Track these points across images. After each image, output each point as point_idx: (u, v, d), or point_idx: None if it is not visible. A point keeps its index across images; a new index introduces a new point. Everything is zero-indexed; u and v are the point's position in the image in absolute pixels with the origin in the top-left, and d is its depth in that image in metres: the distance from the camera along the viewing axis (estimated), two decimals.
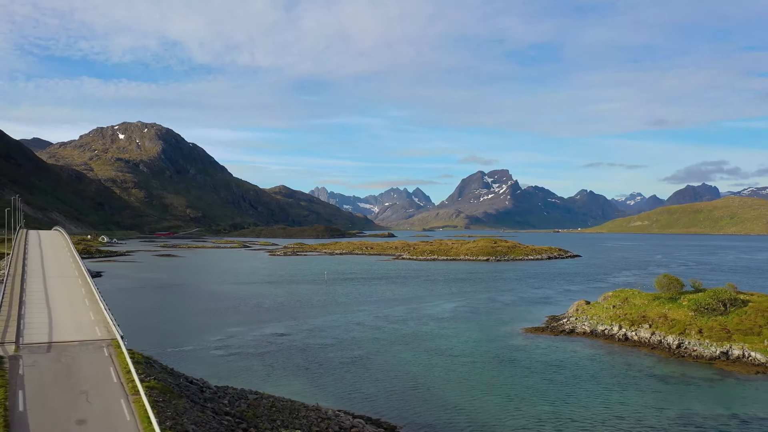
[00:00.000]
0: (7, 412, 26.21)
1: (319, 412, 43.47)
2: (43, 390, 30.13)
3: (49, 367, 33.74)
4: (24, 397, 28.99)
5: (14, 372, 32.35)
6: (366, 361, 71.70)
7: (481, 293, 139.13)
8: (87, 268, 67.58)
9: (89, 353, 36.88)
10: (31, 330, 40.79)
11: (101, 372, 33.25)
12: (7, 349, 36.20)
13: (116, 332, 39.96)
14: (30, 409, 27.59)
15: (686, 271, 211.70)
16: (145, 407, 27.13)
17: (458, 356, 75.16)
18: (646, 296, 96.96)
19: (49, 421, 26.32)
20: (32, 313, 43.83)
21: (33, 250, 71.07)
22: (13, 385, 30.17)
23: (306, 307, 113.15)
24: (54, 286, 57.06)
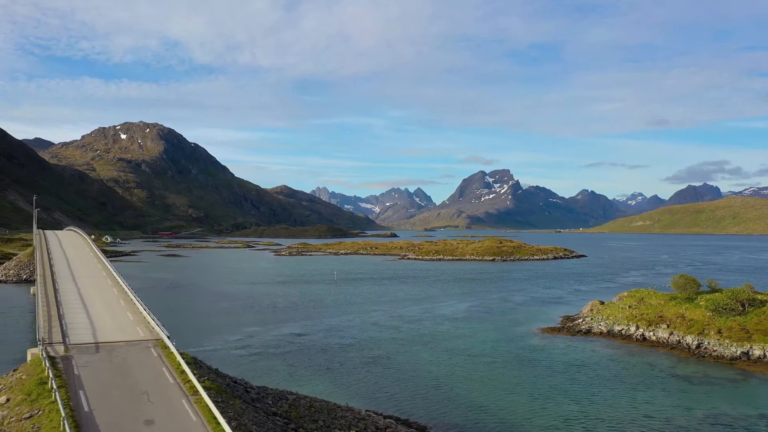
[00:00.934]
0: (73, 412, 26.25)
1: (352, 412, 43.65)
2: (103, 390, 30.20)
3: (103, 368, 33.75)
4: (86, 398, 29.02)
5: (70, 372, 32.38)
6: (387, 361, 71.84)
7: (492, 293, 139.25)
8: (116, 269, 67.65)
9: (138, 353, 36.93)
10: (75, 330, 40.81)
11: (155, 372, 33.31)
12: (57, 350, 36.26)
13: (162, 333, 40.03)
14: (95, 409, 27.61)
15: (694, 271, 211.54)
16: (208, 407, 27.18)
17: (478, 356, 75.30)
18: (662, 296, 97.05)
19: (117, 421, 26.33)
20: (71, 313, 43.82)
21: (56, 251, 71.12)
22: (72, 385, 30.19)
23: (320, 307, 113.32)
24: (85, 286, 57.08)
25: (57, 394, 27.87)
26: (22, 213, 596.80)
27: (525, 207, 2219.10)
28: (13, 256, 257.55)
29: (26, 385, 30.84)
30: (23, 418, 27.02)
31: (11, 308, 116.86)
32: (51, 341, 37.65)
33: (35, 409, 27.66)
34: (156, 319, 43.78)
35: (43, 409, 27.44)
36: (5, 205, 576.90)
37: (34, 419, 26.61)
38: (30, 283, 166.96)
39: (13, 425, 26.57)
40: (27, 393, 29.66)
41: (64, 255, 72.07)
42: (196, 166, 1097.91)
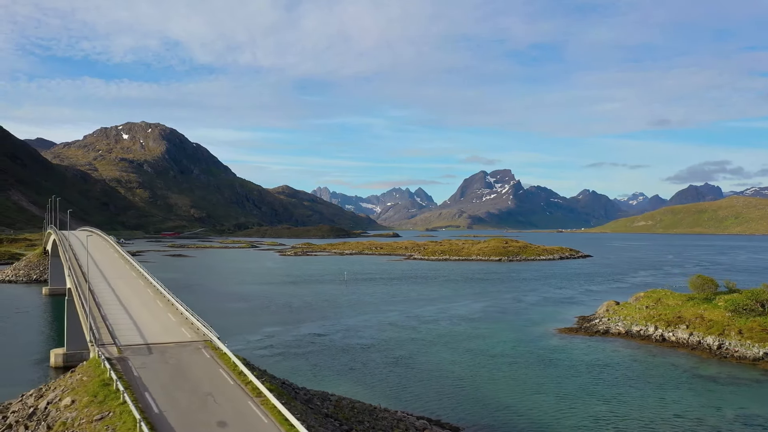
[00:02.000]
0: (144, 414, 26.30)
1: (389, 413, 43.79)
2: (167, 392, 30.23)
3: (161, 369, 33.78)
4: (153, 399, 29.04)
5: (130, 374, 32.41)
6: (409, 362, 71.96)
7: (504, 293, 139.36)
8: (147, 270, 67.75)
9: (190, 354, 36.95)
10: (122, 332, 40.80)
11: (212, 373, 33.36)
12: (110, 351, 36.29)
13: (212, 335, 40.06)
14: (165, 411, 27.65)
15: (702, 271, 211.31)
16: (276, 409, 27.19)
17: (499, 356, 75.42)
18: (679, 297, 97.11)
19: (190, 422, 26.34)
20: (113, 314, 43.79)
21: (80, 251, 71.08)
22: (136, 387, 30.21)
23: (335, 307, 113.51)
24: (119, 287, 57.13)
25: (126, 395, 27.93)
26: (26, 213, 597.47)
27: (526, 207, 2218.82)
28: (20, 256, 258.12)
29: (89, 386, 30.91)
30: (94, 419, 27.07)
31: (27, 308, 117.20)
32: (104, 342, 37.54)
33: (105, 410, 27.69)
34: (202, 320, 43.84)
35: (113, 411, 27.48)
36: (9, 205, 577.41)
37: (106, 421, 26.63)
38: (41, 283, 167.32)
39: (85, 426, 26.63)
40: (93, 394, 29.74)
41: (90, 255, 71.98)
42: (198, 166, 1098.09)
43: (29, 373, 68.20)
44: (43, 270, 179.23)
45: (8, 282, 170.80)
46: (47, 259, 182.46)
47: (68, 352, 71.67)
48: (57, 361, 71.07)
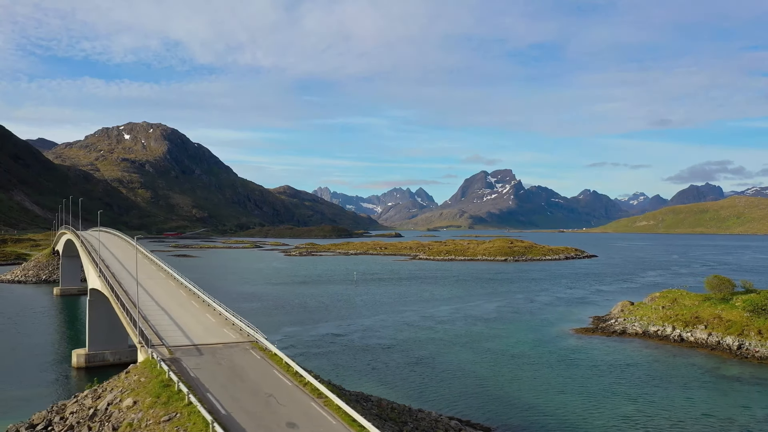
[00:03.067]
0: (214, 415, 26.27)
1: (423, 413, 43.80)
2: (228, 393, 30.20)
3: (216, 370, 33.73)
4: (216, 400, 29.01)
5: (187, 375, 32.37)
6: (431, 362, 72.05)
7: (516, 293, 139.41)
8: (177, 270, 67.83)
9: (240, 355, 36.94)
10: (166, 333, 40.71)
11: (267, 374, 33.34)
12: (161, 352, 36.25)
13: (259, 336, 40.04)
14: (232, 412, 27.62)
15: (710, 271, 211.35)
16: (341, 410, 27.20)
17: (520, 357, 75.49)
18: (696, 297, 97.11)
19: (259, 424, 26.23)
20: (152, 316, 43.68)
21: (102, 251, 71.03)
22: (196, 387, 30.16)
23: (350, 307, 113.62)
24: (152, 288, 57.06)
25: (191, 397, 27.85)
26: (29, 213, 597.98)
27: (527, 207, 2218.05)
28: (26, 257, 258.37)
29: (149, 387, 30.91)
30: (161, 420, 27.09)
31: (41, 309, 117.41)
32: (153, 343, 37.42)
33: (171, 411, 27.68)
34: (246, 321, 43.86)
35: (180, 412, 27.47)
36: (12, 205, 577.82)
37: (174, 422, 26.62)
38: (50, 283, 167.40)
39: (153, 428, 26.63)
40: (155, 395, 29.75)
41: (113, 255, 72.02)
42: (200, 167, 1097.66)
43: (52, 374, 68.36)
44: (53, 270, 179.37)
45: (18, 282, 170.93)
46: (56, 259, 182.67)
47: (90, 352, 71.85)
48: (79, 361, 71.23)
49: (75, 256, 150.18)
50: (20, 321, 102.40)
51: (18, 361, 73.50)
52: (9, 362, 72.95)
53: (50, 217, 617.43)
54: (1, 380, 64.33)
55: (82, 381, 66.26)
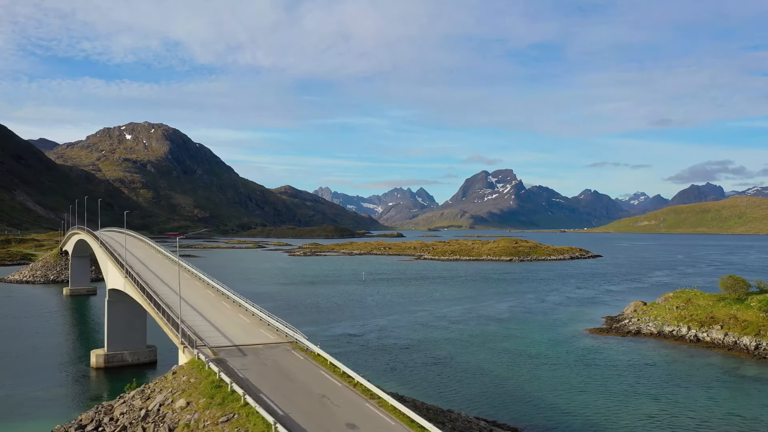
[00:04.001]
0: (272, 416, 26.21)
1: (453, 414, 43.80)
2: (281, 393, 30.15)
3: (263, 371, 33.70)
4: (271, 401, 28.93)
5: (235, 375, 32.31)
6: (450, 362, 72.10)
7: (525, 293, 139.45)
8: (202, 271, 67.85)
9: (283, 355, 36.89)
10: (204, 334, 40.55)
11: (315, 374, 33.33)
12: (206, 353, 36.17)
13: (300, 337, 40.02)
14: (290, 413, 27.55)
15: (716, 271, 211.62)
16: (396, 410, 27.23)
17: (538, 357, 75.54)
18: (710, 297, 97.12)
19: (320, 424, 26.09)
20: (186, 316, 43.54)
21: (121, 251, 70.98)
22: (248, 388, 30.09)
23: (363, 308, 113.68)
24: (181, 288, 56.86)
25: (248, 398, 27.81)
26: (31, 213, 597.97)
27: (528, 207, 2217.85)
28: (31, 257, 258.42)
29: (200, 388, 30.85)
30: (219, 421, 27.06)
31: (53, 309, 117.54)
32: (195, 345, 37.28)
33: (228, 412, 27.65)
34: (284, 321, 43.86)
35: (238, 413, 27.44)
36: (15, 205, 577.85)
37: (233, 423, 26.60)
38: (58, 283, 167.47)
39: (211, 428, 26.60)
40: (208, 396, 29.68)
41: (133, 255, 72.00)
42: (201, 167, 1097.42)
43: (72, 374, 68.47)
44: (60, 270, 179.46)
45: (26, 282, 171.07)
46: (64, 260, 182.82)
47: (109, 353, 71.93)
48: (98, 362, 71.29)
49: (84, 256, 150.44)
50: (35, 321, 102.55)
51: (38, 362, 73.74)
52: (31, 363, 73.19)
53: (53, 217, 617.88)
54: (24, 380, 64.58)
55: (102, 382, 66.45)
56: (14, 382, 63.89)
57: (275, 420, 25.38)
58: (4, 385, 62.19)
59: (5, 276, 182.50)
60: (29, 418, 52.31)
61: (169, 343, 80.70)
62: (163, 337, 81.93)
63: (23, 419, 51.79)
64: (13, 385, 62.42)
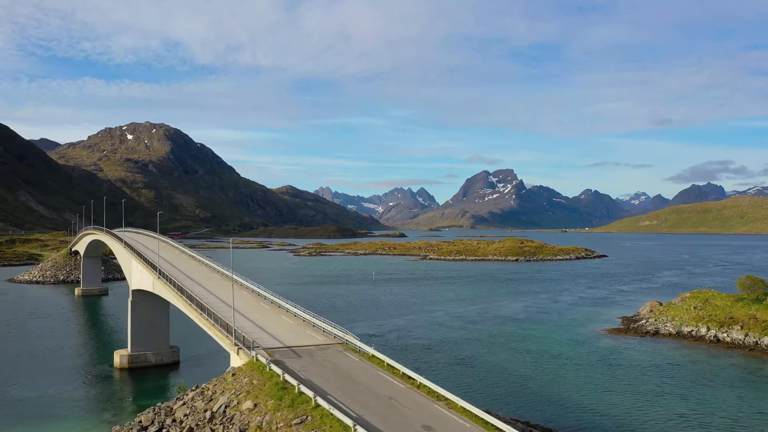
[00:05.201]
0: (349, 418, 26.11)
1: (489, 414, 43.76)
2: (348, 395, 30.09)
3: (322, 372, 33.66)
4: (340, 402, 28.83)
5: (298, 377, 32.25)
6: (474, 362, 72.16)
7: (538, 293, 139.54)
8: (233, 271, 67.90)
9: (337, 357, 36.89)
10: (253, 335, 40.38)
11: (374, 375, 33.32)
12: (263, 355, 36.08)
13: (352, 338, 40.03)
14: (363, 415, 27.46)
15: (724, 271, 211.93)
16: (467, 411, 27.23)
17: (560, 357, 75.59)
18: (727, 297, 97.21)
19: (396, 427, 25.90)
20: (230, 318, 43.36)
21: (148, 253, 71.02)
22: (316, 390, 30.02)
23: (379, 308, 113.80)
24: (215, 290, 56.94)
25: (319, 399, 27.78)
26: (34, 213, 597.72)
27: (529, 207, 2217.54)
28: (38, 257, 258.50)
29: (266, 389, 30.82)
30: (293, 423, 27.01)
31: (67, 310, 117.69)
32: (251, 346, 37.12)
33: (300, 414, 27.61)
34: (330, 322, 43.88)
35: (310, 415, 27.42)
36: (18, 205, 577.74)
37: (307, 425, 26.53)
38: (68, 284, 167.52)
39: (284, 430, 26.55)
40: (276, 398, 29.66)
41: (160, 257, 71.90)
42: (203, 167, 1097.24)
43: (96, 374, 68.57)
44: (70, 271, 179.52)
45: (36, 282, 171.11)
46: (73, 260, 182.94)
47: (133, 353, 72.03)
48: (122, 362, 71.41)
49: (96, 257, 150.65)
50: (54, 321, 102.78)
51: (64, 362, 74.14)
52: (57, 363, 73.54)
53: (55, 218, 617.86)
54: (54, 381, 64.97)
55: (129, 382, 66.57)
56: (45, 382, 64.34)
57: (354, 422, 25.34)
58: (36, 385, 62.59)
59: (15, 276, 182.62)
60: (64, 418, 52.53)
61: (192, 343, 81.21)
62: (186, 338, 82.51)
63: (59, 420, 52.04)
64: (45, 385, 62.76)
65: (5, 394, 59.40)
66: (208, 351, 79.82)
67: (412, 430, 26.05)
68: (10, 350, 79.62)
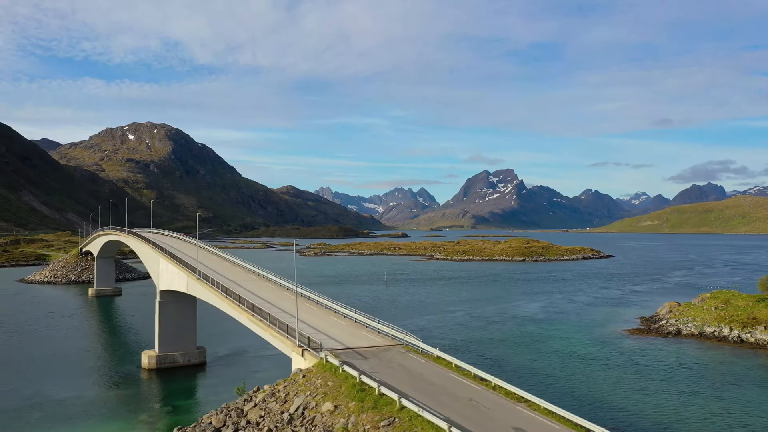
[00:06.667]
0: (440, 419, 26.02)
1: None
2: (430, 397, 29.93)
3: (393, 373, 33.49)
4: (423, 404, 28.70)
5: (375, 379, 32.10)
6: (501, 363, 72.16)
7: (553, 293, 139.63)
8: (269, 271, 67.84)
9: (402, 358, 36.81)
10: (312, 336, 40.35)
11: (445, 377, 33.25)
12: (330, 356, 35.93)
13: (413, 339, 39.98)
14: (449, 416, 27.37)
15: (733, 271, 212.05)
16: (550, 412, 27.19)
17: (585, 358, 75.62)
18: (748, 298, 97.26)
19: (489, 428, 25.99)
20: (284, 320, 43.19)
21: (178, 254, 70.94)
22: (396, 391, 29.88)
23: (398, 308, 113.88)
24: (256, 290, 56.74)
25: (404, 401, 27.72)
26: (37, 213, 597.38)
27: (529, 207, 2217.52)
28: (45, 257, 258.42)
29: (343, 391, 30.81)
30: (381, 425, 26.92)
31: (84, 310, 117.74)
32: (318, 347, 36.97)
33: (386, 415, 27.58)
34: (387, 323, 43.84)
35: (397, 416, 27.38)
36: (21, 206, 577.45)
37: (396, 427, 26.44)
38: (79, 284, 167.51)
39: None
40: (357, 399, 29.66)
41: (191, 257, 71.89)
42: (204, 167, 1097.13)
43: (126, 375, 68.60)
44: (81, 271, 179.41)
45: (47, 283, 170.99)
46: (85, 260, 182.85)
47: (161, 354, 72.04)
48: (150, 363, 71.41)
49: (110, 257, 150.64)
50: (74, 322, 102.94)
51: (93, 363, 74.49)
52: (88, 364, 73.79)
53: (58, 218, 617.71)
54: (88, 382, 65.34)
55: (159, 383, 66.58)
56: (80, 382, 64.69)
57: (449, 424, 25.27)
58: (72, 386, 62.94)
59: (25, 276, 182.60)
60: (103, 419, 52.68)
61: (216, 344, 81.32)
62: (211, 339, 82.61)
63: (98, 421, 52.18)
64: (80, 386, 63.07)
65: (46, 394, 59.66)
66: (234, 351, 79.91)
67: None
68: (42, 350, 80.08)
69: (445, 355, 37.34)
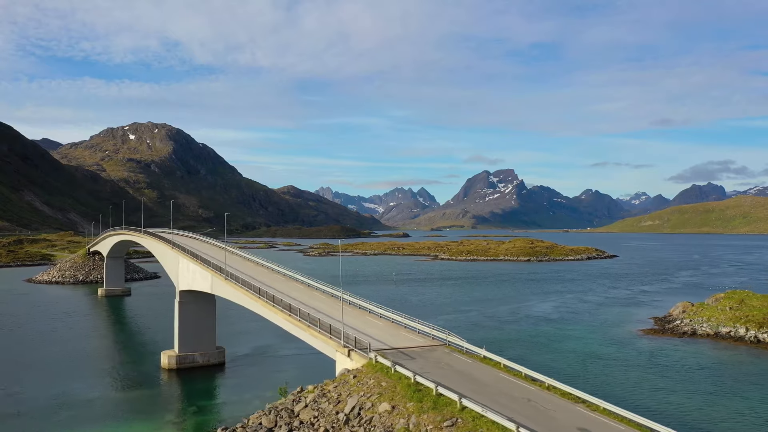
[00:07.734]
0: (506, 419, 25.99)
1: None
2: (487, 397, 29.88)
3: (444, 374, 33.43)
4: (483, 405, 28.56)
5: (430, 379, 32.04)
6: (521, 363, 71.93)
7: (563, 293, 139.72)
8: (294, 270, 67.81)
9: (449, 358, 36.79)
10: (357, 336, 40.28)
11: (496, 377, 33.23)
12: (377, 356, 35.88)
13: (456, 338, 39.98)
14: (512, 417, 27.32)
15: (740, 271, 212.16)
16: (610, 412, 27.18)
17: (604, 358, 75.67)
18: (763, 298, 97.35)
19: (555, 429, 26.02)
20: (320, 318, 43.19)
21: (199, 254, 70.89)
22: (456, 392, 29.86)
23: (411, 308, 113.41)
24: (286, 290, 56.67)
25: (465, 401, 27.72)
26: (40, 213, 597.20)
27: (530, 207, 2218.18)
28: (51, 257, 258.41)
29: (398, 391, 30.78)
30: (444, 426, 26.93)
31: (96, 310, 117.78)
32: (366, 348, 36.88)
33: (447, 416, 27.61)
34: (426, 322, 43.86)
35: (460, 417, 27.41)
36: (23, 206, 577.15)
37: (459, 427, 26.33)
38: (87, 284, 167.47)
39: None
40: (416, 399, 29.65)
41: (212, 257, 71.88)
42: (205, 167, 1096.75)
43: (147, 375, 68.66)
44: (89, 271, 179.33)
45: (55, 283, 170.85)
46: (92, 260, 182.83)
47: (180, 354, 72.05)
48: (170, 363, 71.41)
49: (119, 257, 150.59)
50: (90, 322, 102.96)
51: (112, 363, 74.47)
52: (109, 363, 74.09)
53: (59, 218, 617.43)
54: (108, 382, 65.68)
55: (180, 383, 66.59)
56: (104, 382, 64.91)
57: (517, 425, 25.25)
58: (97, 386, 63.19)
59: (32, 276, 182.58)
60: (130, 419, 52.70)
61: (234, 344, 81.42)
62: (230, 339, 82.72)
63: (126, 421, 52.27)
64: (105, 386, 63.37)
65: (72, 394, 59.84)
66: (253, 351, 79.98)
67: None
68: (62, 351, 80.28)
69: (492, 355, 37.36)
